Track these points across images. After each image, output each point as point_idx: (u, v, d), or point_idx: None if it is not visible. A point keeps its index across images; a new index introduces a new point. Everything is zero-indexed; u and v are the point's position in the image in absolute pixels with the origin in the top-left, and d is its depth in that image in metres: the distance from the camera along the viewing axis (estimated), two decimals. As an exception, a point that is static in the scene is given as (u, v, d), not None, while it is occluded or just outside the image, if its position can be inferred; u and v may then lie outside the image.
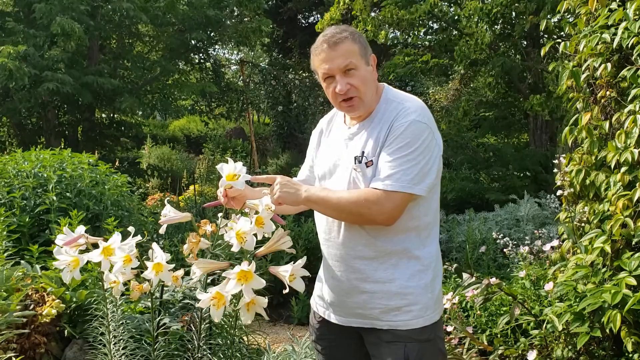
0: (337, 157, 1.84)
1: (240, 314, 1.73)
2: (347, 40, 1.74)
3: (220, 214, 1.90)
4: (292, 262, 1.82)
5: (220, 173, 1.79)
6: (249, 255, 1.88)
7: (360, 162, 1.75)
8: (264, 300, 1.73)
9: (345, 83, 1.73)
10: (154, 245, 1.88)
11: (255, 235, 1.75)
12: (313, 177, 2.02)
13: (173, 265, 1.87)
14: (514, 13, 7.57)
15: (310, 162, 2.04)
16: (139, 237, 1.90)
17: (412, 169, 1.67)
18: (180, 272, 1.90)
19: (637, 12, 2.39)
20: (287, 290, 1.77)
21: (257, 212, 1.78)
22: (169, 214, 1.91)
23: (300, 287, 1.79)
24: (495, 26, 7.89)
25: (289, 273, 1.75)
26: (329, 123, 1.98)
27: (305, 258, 1.81)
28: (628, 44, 2.35)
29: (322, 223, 1.87)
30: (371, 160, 1.73)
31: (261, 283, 1.69)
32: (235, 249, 1.74)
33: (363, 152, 1.75)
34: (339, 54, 1.72)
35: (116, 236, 1.89)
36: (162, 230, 1.95)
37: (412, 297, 1.75)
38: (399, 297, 1.75)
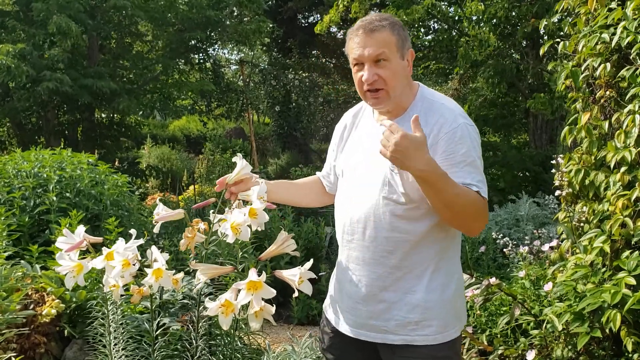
0: (367, 154, 1.74)
1: (249, 321, 1.72)
2: (385, 29, 1.65)
3: (212, 211, 1.90)
4: (299, 264, 1.79)
5: (237, 162, 1.80)
6: (241, 255, 1.87)
7: None
8: (272, 308, 1.71)
9: (373, 73, 1.65)
10: (153, 248, 1.87)
11: (249, 226, 1.73)
12: (334, 174, 1.94)
13: (174, 271, 1.86)
14: (514, 14, 7.59)
15: (332, 160, 1.95)
16: (141, 241, 1.90)
17: (482, 174, 1.65)
18: (181, 274, 1.89)
19: (636, 12, 2.39)
20: (296, 294, 1.75)
21: (248, 203, 1.76)
22: (161, 213, 1.90)
23: (308, 290, 1.75)
24: (496, 27, 7.90)
25: (298, 277, 1.73)
26: (355, 117, 1.89)
27: (312, 261, 1.78)
28: (626, 43, 2.35)
29: (345, 223, 1.76)
30: None
31: (271, 292, 1.67)
32: (230, 240, 1.71)
33: None
34: (373, 42, 1.64)
35: (120, 242, 1.88)
36: (156, 230, 1.94)
37: (433, 311, 1.68)
38: (419, 310, 1.67)
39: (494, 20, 7.39)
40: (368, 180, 1.71)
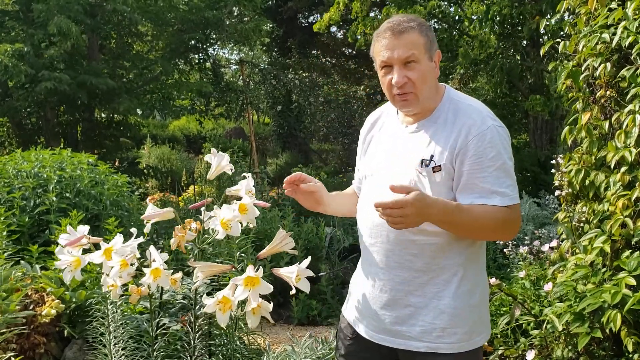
0: (392, 156, 1.72)
1: (246, 318, 1.72)
2: (414, 30, 1.62)
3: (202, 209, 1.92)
4: (297, 263, 1.79)
5: (212, 160, 1.96)
6: (240, 253, 1.89)
7: (427, 165, 1.62)
8: (269, 305, 1.71)
9: (403, 75, 1.62)
10: (151, 248, 1.87)
11: (240, 222, 1.74)
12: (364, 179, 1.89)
13: (172, 271, 1.86)
14: (514, 12, 7.58)
15: (359, 166, 1.91)
16: (141, 239, 1.90)
17: (513, 177, 1.63)
18: (179, 274, 1.90)
19: (637, 12, 2.39)
20: (293, 292, 1.74)
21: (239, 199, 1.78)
22: (150, 212, 1.95)
23: (306, 287, 1.74)
24: (497, 27, 7.88)
25: (295, 274, 1.72)
26: (377, 119, 1.86)
27: (309, 258, 1.77)
28: (627, 43, 2.35)
29: (367, 226, 1.74)
30: (439, 166, 1.61)
31: (268, 288, 1.67)
32: (220, 236, 1.74)
33: (432, 156, 1.62)
34: (401, 44, 1.61)
35: (118, 237, 1.88)
36: (146, 229, 1.96)
37: (459, 318, 1.64)
38: (446, 316, 1.63)
39: (498, 19, 7.35)
40: (391, 182, 1.63)
